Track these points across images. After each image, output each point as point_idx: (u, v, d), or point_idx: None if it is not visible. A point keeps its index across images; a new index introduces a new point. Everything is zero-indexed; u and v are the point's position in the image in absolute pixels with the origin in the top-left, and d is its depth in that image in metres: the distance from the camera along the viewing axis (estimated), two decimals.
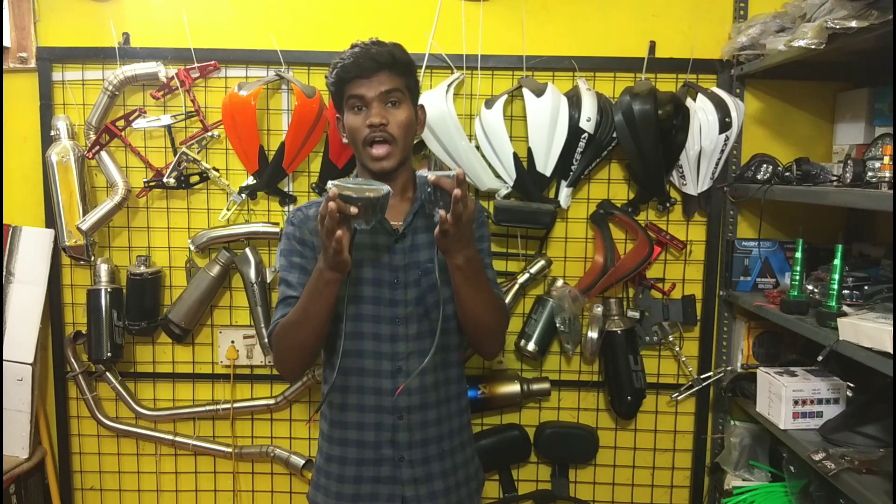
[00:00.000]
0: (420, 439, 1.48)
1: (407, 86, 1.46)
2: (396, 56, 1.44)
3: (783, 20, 1.83)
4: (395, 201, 1.48)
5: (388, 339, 1.46)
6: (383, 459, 1.47)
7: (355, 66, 1.41)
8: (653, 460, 2.24)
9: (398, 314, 1.46)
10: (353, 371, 1.47)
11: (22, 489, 2.13)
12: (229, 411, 2.21)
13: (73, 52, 2.12)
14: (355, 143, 1.45)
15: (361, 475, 1.48)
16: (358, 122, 1.43)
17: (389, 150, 1.42)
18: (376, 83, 1.41)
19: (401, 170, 1.48)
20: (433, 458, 1.49)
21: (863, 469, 1.47)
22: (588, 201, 2.14)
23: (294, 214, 1.52)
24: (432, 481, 1.49)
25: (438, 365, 1.50)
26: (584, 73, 2.08)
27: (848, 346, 1.45)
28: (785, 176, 1.84)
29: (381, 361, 1.46)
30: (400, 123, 1.43)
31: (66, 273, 2.21)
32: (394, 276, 1.46)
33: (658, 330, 2.14)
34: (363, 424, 1.47)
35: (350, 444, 1.49)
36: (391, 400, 1.45)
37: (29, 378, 2.11)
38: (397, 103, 1.43)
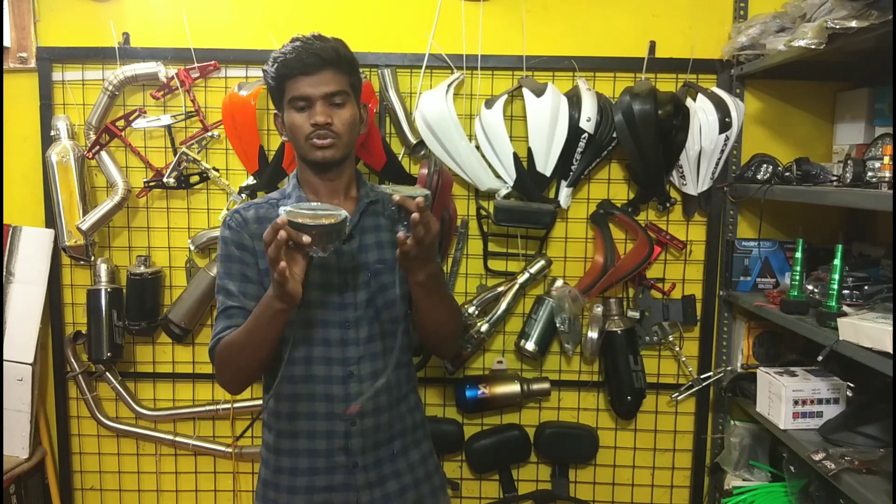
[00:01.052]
0: (373, 443, 1.44)
1: (351, 84, 1.41)
2: (340, 53, 1.39)
3: (783, 20, 1.83)
4: (338, 201, 1.45)
5: (339, 344, 1.41)
6: (336, 467, 1.42)
7: (298, 63, 1.35)
8: (653, 460, 2.24)
9: (348, 318, 1.41)
10: (302, 378, 1.41)
11: (22, 489, 2.13)
12: (229, 411, 2.21)
13: (73, 52, 2.12)
14: (296, 140, 1.40)
15: (314, 485, 1.43)
16: (301, 120, 1.37)
17: (333, 142, 1.38)
18: (320, 82, 1.36)
19: (345, 166, 1.44)
20: (384, 461, 1.46)
21: (863, 469, 1.46)
22: (588, 201, 2.15)
23: (231, 217, 1.45)
24: (385, 483, 1.45)
25: (389, 367, 1.45)
26: (584, 73, 2.08)
27: (848, 346, 1.45)
28: (785, 176, 1.84)
29: (331, 367, 1.41)
30: (345, 122, 1.38)
31: (66, 273, 2.21)
32: (342, 279, 1.41)
33: (658, 330, 2.14)
34: (314, 433, 1.42)
35: (301, 454, 1.43)
36: (343, 406, 1.40)
37: (29, 378, 2.11)
38: (342, 104, 1.38)
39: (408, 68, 2.09)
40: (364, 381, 1.41)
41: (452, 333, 1.56)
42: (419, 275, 1.33)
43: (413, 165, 2.12)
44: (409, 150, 2.10)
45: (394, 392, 1.47)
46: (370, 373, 1.42)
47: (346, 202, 1.46)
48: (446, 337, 1.54)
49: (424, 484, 1.51)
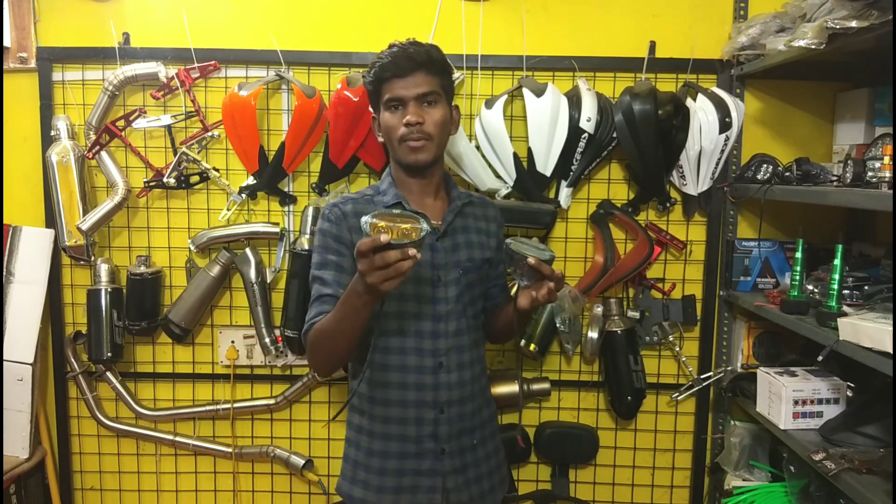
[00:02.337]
0: (458, 430, 1.52)
1: (442, 86, 1.49)
2: (433, 56, 1.47)
3: (783, 20, 1.83)
4: (430, 200, 1.55)
5: (430, 336, 1.49)
6: (425, 452, 1.50)
7: (392, 66, 1.44)
8: (653, 460, 2.24)
9: (440, 311, 1.49)
10: (395, 368, 1.49)
11: (22, 489, 2.13)
12: (229, 411, 2.21)
13: (73, 52, 2.12)
14: (391, 141, 1.49)
15: (403, 468, 1.50)
16: (395, 121, 1.46)
17: (425, 144, 1.46)
18: (413, 83, 1.44)
19: (435, 167, 1.53)
20: (467, 449, 1.54)
21: (863, 469, 1.47)
22: (588, 201, 2.15)
23: (330, 211, 1.52)
24: (467, 470, 1.53)
25: (474, 359, 1.55)
26: (584, 73, 2.08)
27: (848, 346, 1.46)
28: (785, 176, 1.84)
29: (423, 358, 1.49)
30: (436, 122, 1.47)
31: (66, 273, 2.21)
32: (435, 274, 1.49)
33: (658, 330, 2.14)
34: (405, 419, 1.50)
35: (392, 438, 1.51)
36: (432, 395, 1.49)
37: (29, 378, 2.11)
38: (433, 103, 1.47)
39: None
40: (452, 372, 1.50)
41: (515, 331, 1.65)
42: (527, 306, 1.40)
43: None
44: None
45: (477, 384, 1.57)
46: (457, 364, 1.51)
47: (436, 202, 1.56)
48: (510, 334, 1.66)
49: (495, 474, 1.60)
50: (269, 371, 2.24)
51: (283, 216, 2.17)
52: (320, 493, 2.26)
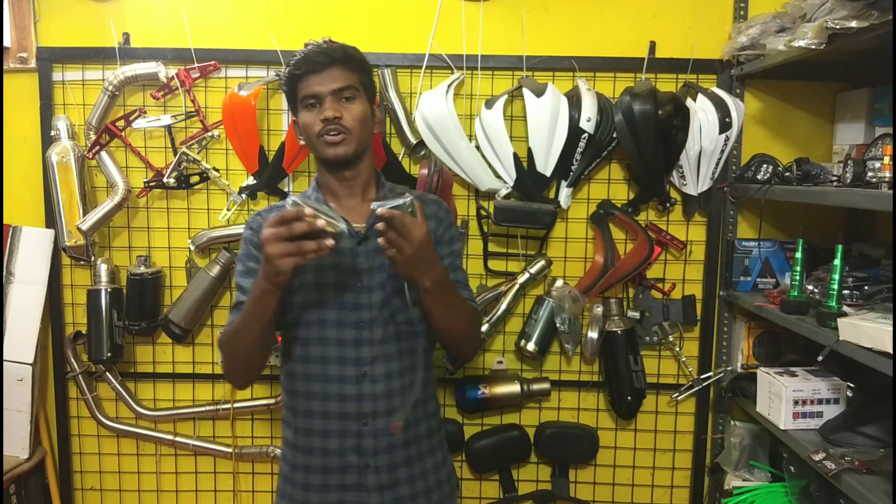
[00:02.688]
0: (386, 445, 1.44)
1: (361, 82, 1.43)
2: (349, 52, 1.42)
3: (783, 20, 1.83)
4: (355, 202, 1.47)
5: (353, 344, 1.42)
6: (348, 467, 1.44)
7: (306, 62, 1.39)
8: (653, 460, 2.24)
9: (362, 318, 1.42)
10: (317, 377, 1.43)
11: (22, 489, 2.13)
12: (229, 411, 2.21)
13: (73, 52, 2.12)
14: (310, 140, 1.42)
15: (327, 483, 1.44)
16: (311, 118, 1.40)
17: (344, 137, 1.39)
18: (329, 79, 1.38)
19: (360, 166, 1.46)
20: (400, 464, 1.46)
21: (863, 469, 1.46)
22: (588, 201, 2.14)
23: (253, 219, 1.49)
24: (398, 487, 1.45)
25: (405, 369, 1.46)
26: (584, 74, 2.08)
27: (848, 346, 1.45)
28: (785, 176, 1.84)
29: (345, 367, 1.42)
30: (355, 117, 1.40)
31: (66, 273, 2.21)
32: (357, 280, 1.42)
33: (658, 330, 2.14)
34: (328, 432, 1.44)
35: (315, 452, 1.45)
36: (355, 406, 1.42)
37: (29, 378, 2.11)
38: (352, 98, 1.41)
39: (408, 68, 2.09)
40: (377, 382, 1.42)
41: (469, 338, 1.55)
42: (423, 280, 1.32)
43: (413, 165, 2.12)
44: (409, 150, 2.10)
45: (408, 395, 1.47)
46: (384, 374, 1.43)
47: (363, 203, 1.47)
48: (462, 341, 1.54)
49: (435, 492, 1.51)
50: (268, 371, 2.24)
51: None
52: None
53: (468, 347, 1.60)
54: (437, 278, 1.34)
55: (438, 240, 1.50)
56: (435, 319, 1.43)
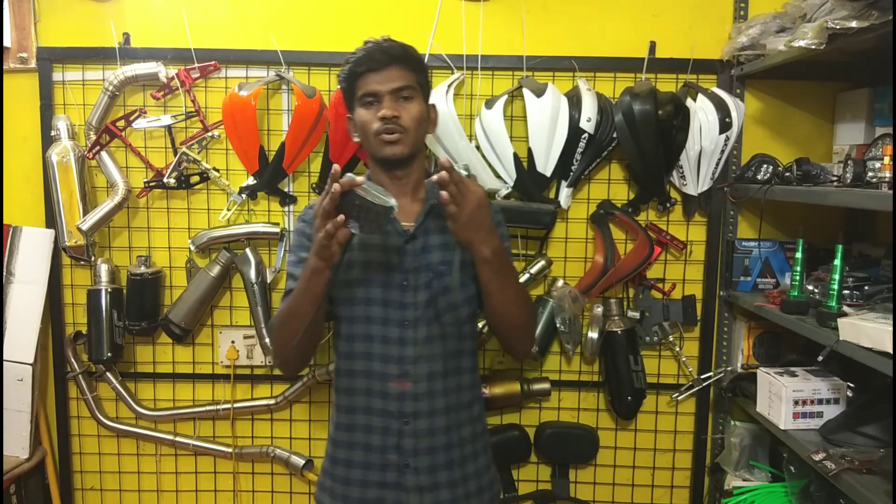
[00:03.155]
0: (426, 447, 1.44)
1: (418, 82, 1.44)
2: (408, 51, 1.44)
3: (783, 20, 1.83)
4: (405, 201, 1.47)
5: (397, 343, 1.42)
6: (388, 465, 1.44)
7: (367, 59, 1.40)
8: (653, 460, 2.24)
9: (407, 317, 1.43)
10: (362, 374, 1.45)
11: (22, 489, 2.13)
12: (229, 411, 2.21)
13: (73, 52, 2.12)
14: (367, 137, 1.44)
15: (367, 479, 1.45)
16: (370, 116, 1.41)
17: (401, 137, 1.41)
18: (388, 78, 1.40)
19: (413, 166, 1.47)
20: (440, 467, 1.45)
21: (863, 469, 1.47)
22: (588, 201, 2.14)
23: (305, 212, 1.52)
24: (438, 490, 1.45)
25: (449, 370, 1.46)
26: (584, 74, 2.08)
27: (848, 346, 1.45)
28: (785, 176, 1.84)
29: (388, 365, 1.43)
30: (412, 117, 1.42)
31: (66, 273, 2.21)
32: (403, 279, 1.43)
33: (658, 330, 2.14)
34: (370, 427, 1.45)
35: (357, 447, 1.46)
36: (397, 405, 1.42)
37: (29, 378, 2.11)
38: (409, 98, 1.42)
39: None
40: (420, 382, 1.42)
41: (526, 324, 1.51)
42: (483, 249, 1.32)
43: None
44: None
45: (453, 397, 1.46)
46: (427, 374, 1.43)
47: (413, 203, 1.49)
48: (520, 328, 1.49)
49: (475, 498, 1.50)
50: (269, 371, 2.24)
51: (283, 216, 2.17)
52: None
53: (523, 336, 1.53)
54: (497, 248, 1.34)
55: None
56: (492, 295, 1.39)
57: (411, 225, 1.46)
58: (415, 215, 1.47)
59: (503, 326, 1.47)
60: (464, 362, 1.49)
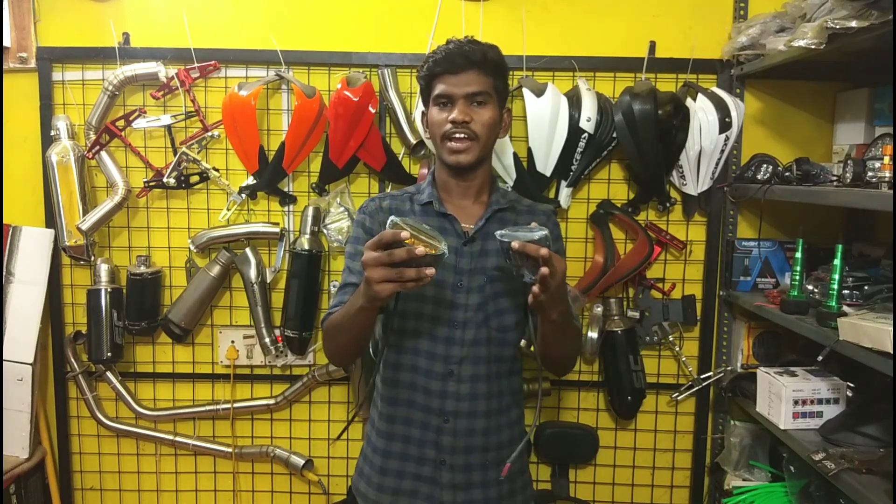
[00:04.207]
0: (464, 446, 1.45)
1: (495, 87, 1.44)
2: (489, 55, 1.42)
3: (783, 20, 1.83)
4: (468, 202, 1.49)
5: (444, 342, 1.43)
6: (425, 459, 1.46)
7: (446, 62, 1.40)
8: (653, 460, 2.24)
9: (457, 317, 1.43)
10: (407, 367, 1.46)
11: (22, 489, 2.13)
12: (229, 411, 2.21)
13: (73, 52, 2.12)
14: (435, 138, 1.45)
15: (404, 470, 1.47)
16: (441, 118, 1.41)
17: (469, 145, 1.41)
18: (464, 82, 1.39)
19: (479, 170, 1.47)
20: (475, 467, 1.46)
21: (863, 469, 1.46)
22: (588, 201, 2.15)
23: (367, 204, 1.52)
24: (471, 489, 1.46)
25: (492, 374, 1.47)
26: (584, 73, 2.08)
27: (848, 346, 1.45)
28: (785, 176, 1.84)
29: (434, 362, 1.44)
30: (484, 122, 1.41)
31: (66, 273, 2.21)
32: (458, 280, 1.44)
33: (658, 330, 2.14)
34: (410, 421, 1.46)
35: (396, 438, 1.48)
36: (438, 402, 1.44)
37: (29, 378, 2.11)
38: (483, 103, 1.42)
39: (408, 68, 2.09)
40: (463, 382, 1.43)
41: (573, 359, 1.56)
42: (552, 314, 1.30)
43: (413, 165, 2.12)
44: (409, 150, 2.10)
45: (494, 401, 1.47)
46: (471, 375, 1.44)
47: (475, 205, 1.49)
48: (567, 363, 1.55)
49: (507, 500, 1.51)
50: (269, 371, 2.24)
51: (283, 216, 2.17)
52: (320, 493, 2.26)
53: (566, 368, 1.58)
54: (564, 310, 1.33)
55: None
56: (549, 347, 1.43)
57: (471, 227, 1.47)
58: (475, 218, 1.48)
59: (550, 362, 1.49)
60: (505, 367, 1.50)
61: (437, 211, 1.47)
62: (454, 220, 1.46)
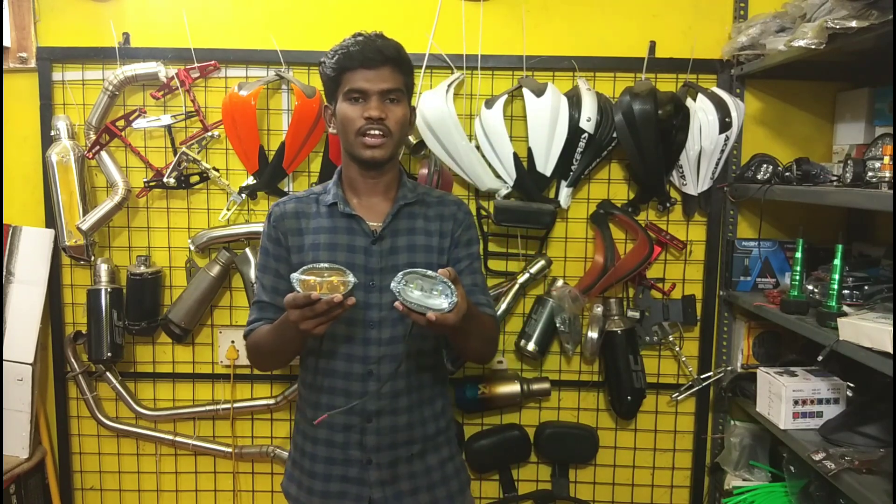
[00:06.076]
0: (389, 443, 1.46)
1: (406, 84, 1.45)
2: (401, 53, 1.44)
3: (783, 20, 1.83)
4: (376, 200, 1.49)
5: (361, 343, 1.44)
6: (351, 460, 1.46)
7: (360, 56, 1.39)
8: (653, 460, 2.24)
9: (372, 318, 1.43)
10: (325, 372, 1.47)
11: (22, 489, 2.13)
12: (229, 411, 2.21)
13: (73, 52, 2.12)
14: (346, 134, 1.43)
15: (330, 473, 1.48)
16: (355, 113, 1.40)
17: (384, 141, 1.41)
18: (379, 77, 1.39)
19: (389, 167, 1.47)
20: (401, 461, 1.48)
21: (863, 469, 1.47)
22: (588, 201, 2.14)
23: (272, 210, 1.52)
24: (398, 482, 1.48)
25: (412, 369, 1.47)
26: (584, 73, 2.08)
27: (848, 346, 1.45)
28: (785, 176, 1.84)
29: (352, 364, 1.44)
30: (397, 119, 1.42)
31: (66, 273, 2.21)
32: (369, 279, 1.43)
33: (658, 330, 2.13)
34: (333, 424, 1.46)
35: (320, 442, 1.49)
36: (360, 403, 1.43)
37: (29, 378, 2.11)
38: (396, 100, 1.42)
39: None
40: (383, 381, 1.43)
41: (487, 353, 1.59)
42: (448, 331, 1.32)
43: (413, 165, 2.12)
44: (409, 149, 2.10)
45: (415, 395, 1.48)
46: (390, 373, 1.43)
47: (384, 202, 1.49)
48: (481, 356, 1.61)
49: (440, 487, 1.52)
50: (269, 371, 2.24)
51: None
52: None
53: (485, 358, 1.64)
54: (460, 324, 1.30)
55: (456, 241, 1.52)
56: (457, 346, 1.47)
57: (379, 225, 1.46)
58: (383, 214, 1.47)
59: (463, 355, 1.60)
60: (426, 360, 1.51)
61: (342, 212, 1.46)
62: (360, 220, 1.46)
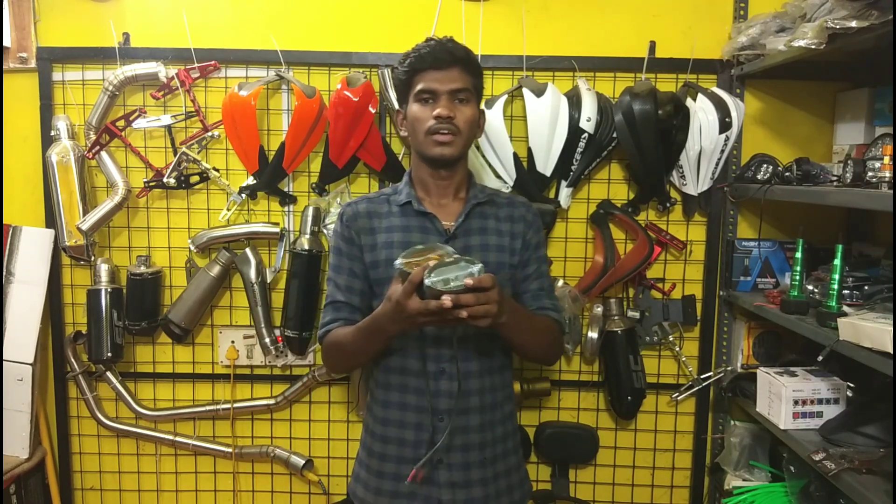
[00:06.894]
0: (461, 444, 1.46)
1: (475, 86, 1.47)
2: (470, 55, 1.47)
3: (783, 20, 1.83)
4: (447, 200, 1.51)
5: (434, 341, 1.44)
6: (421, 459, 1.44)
7: (431, 57, 1.43)
8: (653, 460, 2.24)
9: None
10: (397, 369, 1.47)
11: (22, 489, 2.13)
12: (229, 411, 2.21)
13: (73, 52, 2.12)
14: (416, 134, 1.46)
15: (400, 473, 1.46)
16: (424, 114, 1.43)
17: (453, 139, 1.43)
18: (448, 77, 1.42)
19: (458, 166, 1.50)
20: (474, 465, 1.47)
21: (863, 469, 1.46)
22: (588, 201, 2.14)
23: (344, 210, 1.53)
24: (471, 487, 1.46)
25: (484, 370, 1.48)
26: (584, 73, 2.08)
27: (848, 346, 1.45)
28: (785, 176, 1.84)
29: (425, 362, 1.45)
30: (466, 119, 1.44)
31: (66, 273, 2.21)
32: None
33: (658, 330, 2.13)
34: (404, 423, 1.47)
35: (391, 441, 1.48)
36: (431, 402, 1.44)
37: (29, 378, 2.11)
38: (465, 101, 1.44)
39: None
40: (455, 381, 1.43)
41: (546, 353, 1.59)
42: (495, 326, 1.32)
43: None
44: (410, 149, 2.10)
45: (487, 396, 1.48)
46: (462, 372, 1.44)
47: (454, 202, 1.51)
48: (539, 356, 1.59)
49: (505, 496, 1.52)
50: (269, 371, 2.24)
51: (283, 216, 2.17)
52: (320, 493, 2.26)
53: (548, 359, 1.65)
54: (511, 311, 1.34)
55: (527, 244, 1.53)
56: (514, 346, 1.47)
57: (452, 224, 1.48)
58: (455, 215, 1.49)
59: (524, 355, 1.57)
60: (497, 362, 1.51)
61: (417, 210, 1.48)
62: (434, 218, 1.47)
